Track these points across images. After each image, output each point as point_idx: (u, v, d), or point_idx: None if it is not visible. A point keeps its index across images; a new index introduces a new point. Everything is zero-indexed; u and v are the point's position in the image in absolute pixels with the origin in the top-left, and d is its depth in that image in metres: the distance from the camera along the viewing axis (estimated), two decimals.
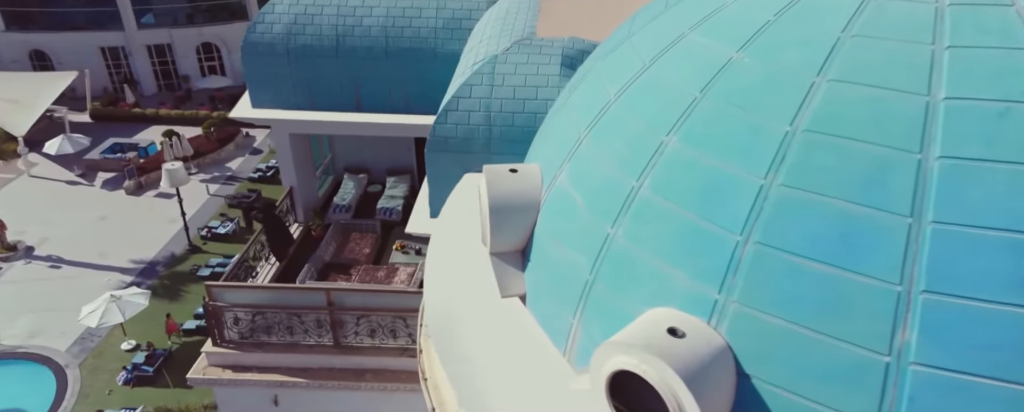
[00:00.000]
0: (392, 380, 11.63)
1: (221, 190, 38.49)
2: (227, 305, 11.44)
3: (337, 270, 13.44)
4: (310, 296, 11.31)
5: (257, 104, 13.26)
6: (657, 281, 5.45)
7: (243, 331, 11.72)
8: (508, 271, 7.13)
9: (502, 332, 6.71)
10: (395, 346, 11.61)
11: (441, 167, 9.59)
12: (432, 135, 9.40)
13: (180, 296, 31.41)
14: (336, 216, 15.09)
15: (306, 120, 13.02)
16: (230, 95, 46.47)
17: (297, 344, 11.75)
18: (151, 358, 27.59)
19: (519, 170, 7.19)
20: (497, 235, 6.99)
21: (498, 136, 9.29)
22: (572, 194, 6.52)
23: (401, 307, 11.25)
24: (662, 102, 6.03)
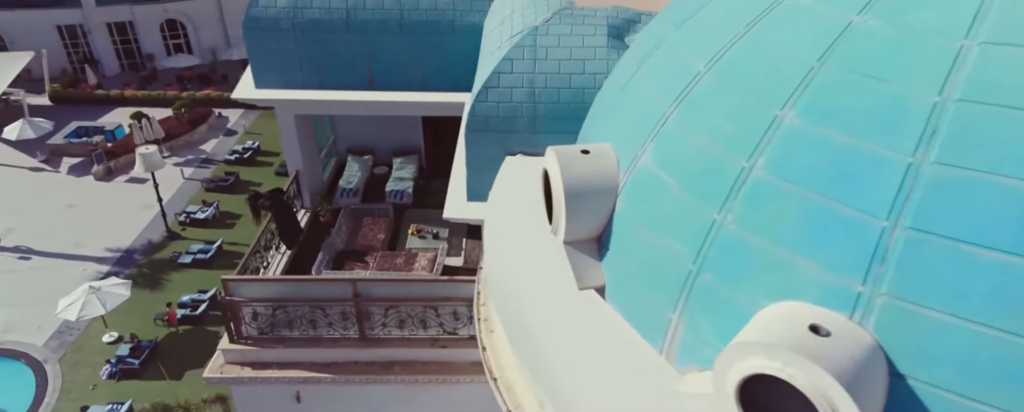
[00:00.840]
0: (422, 372, 11.12)
1: (196, 174, 37.22)
2: (245, 300, 10.76)
3: (352, 258, 12.79)
4: (335, 287, 10.69)
5: (261, 84, 12.43)
6: (781, 272, 4.98)
7: (262, 326, 11.06)
8: (584, 261, 6.62)
9: (584, 327, 6.22)
10: (425, 337, 11.08)
11: (481, 149, 8.99)
12: (471, 115, 8.78)
13: (161, 285, 30.39)
14: (343, 201, 14.40)
15: (315, 100, 12.25)
16: (199, 75, 44.81)
17: (320, 338, 11.15)
18: (136, 350, 26.69)
19: (591, 151, 6.65)
20: (573, 222, 6.46)
21: (543, 114, 8.72)
22: (661, 176, 6.00)
23: (432, 296, 10.70)
24: (769, 73, 5.51)
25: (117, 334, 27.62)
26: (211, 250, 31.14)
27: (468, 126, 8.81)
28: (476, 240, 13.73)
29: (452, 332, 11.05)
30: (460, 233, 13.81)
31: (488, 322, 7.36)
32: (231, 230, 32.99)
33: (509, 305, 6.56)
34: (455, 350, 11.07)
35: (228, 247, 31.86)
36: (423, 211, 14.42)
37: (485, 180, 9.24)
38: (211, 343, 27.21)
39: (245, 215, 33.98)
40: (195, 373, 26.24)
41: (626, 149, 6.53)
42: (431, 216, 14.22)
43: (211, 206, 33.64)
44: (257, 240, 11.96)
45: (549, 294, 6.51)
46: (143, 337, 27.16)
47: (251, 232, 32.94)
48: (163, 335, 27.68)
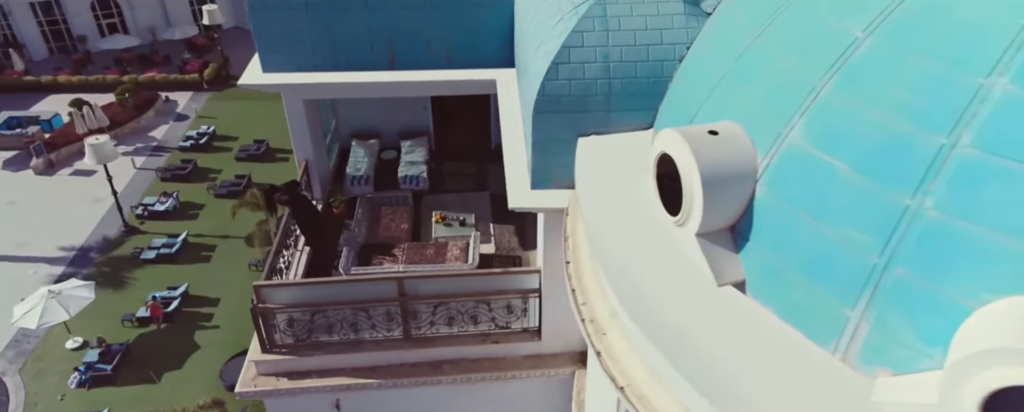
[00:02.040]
0: (473, 370, 10.47)
1: (148, 163, 35.13)
2: (281, 306, 9.86)
3: (377, 251, 11.94)
4: (380, 287, 9.87)
5: (269, 67, 11.32)
6: (1010, 262, 4.50)
7: (299, 333, 10.19)
8: (720, 254, 6.03)
9: (737, 327, 5.66)
10: (476, 332, 10.41)
11: (549, 131, 8.26)
12: (540, 94, 8.03)
13: (125, 283, 28.64)
14: (354, 189, 13.45)
15: (332, 83, 11.23)
16: (138, 56, 42.09)
17: (361, 341, 10.35)
18: (106, 355, 25.14)
19: (721, 132, 6.04)
20: (710, 212, 5.86)
21: (619, 90, 8.03)
22: (822, 157, 5.42)
23: (485, 290, 10.01)
24: (964, 36, 4.97)
25: (82, 339, 25.92)
26: (176, 244, 29.49)
27: (537, 107, 8.07)
28: (504, 225, 13.04)
29: (504, 326, 10.40)
30: (486, 218, 13.09)
31: (596, 324, 6.74)
32: (195, 222, 31.27)
33: (639, 305, 5.95)
34: (508, 345, 10.45)
35: (194, 240, 30.22)
36: (440, 197, 13.60)
37: (552, 165, 8.55)
38: (187, 342, 26.04)
39: (209, 205, 32.24)
40: (174, 375, 24.92)
41: (761, 127, 5.94)
42: (451, 201, 13.43)
43: (171, 197, 31.82)
44: (280, 239, 10.98)
45: (683, 291, 5.93)
46: (112, 340, 25.59)
47: (217, 223, 31.40)
48: (134, 337, 26.14)
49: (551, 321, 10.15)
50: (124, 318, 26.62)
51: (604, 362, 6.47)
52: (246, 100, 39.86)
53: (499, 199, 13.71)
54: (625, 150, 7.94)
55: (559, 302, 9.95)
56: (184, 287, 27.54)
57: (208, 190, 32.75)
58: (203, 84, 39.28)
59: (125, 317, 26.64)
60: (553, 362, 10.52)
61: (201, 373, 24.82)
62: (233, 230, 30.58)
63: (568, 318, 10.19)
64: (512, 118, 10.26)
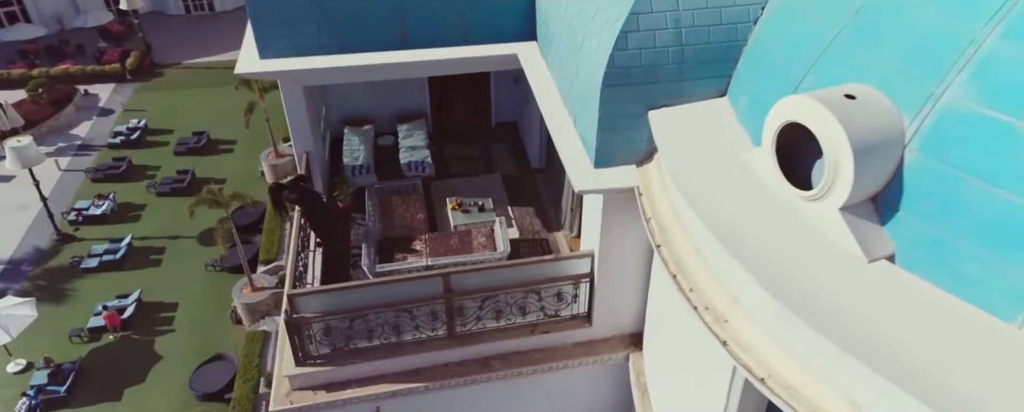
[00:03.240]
0: (523, 363, 9.92)
1: (75, 163, 32.57)
2: (318, 314, 9.00)
3: (398, 246, 11.15)
4: (424, 285, 9.14)
5: (268, 53, 10.24)
6: None
7: (336, 341, 9.37)
8: (867, 228, 5.66)
9: (907, 306, 5.30)
10: (524, 324, 9.84)
11: (618, 106, 7.70)
12: (610, 67, 7.43)
13: (66, 296, 26.53)
14: (356, 180, 12.53)
15: (339, 67, 10.25)
16: (46, 48, 38.82)
17: (402, 343, 9.62)
18: (57, 375, 23.28)
19: (858, 96, 5.61)
20: (859, 183, 5.46)
21: (691, 58, 7.53)
22: (996, 115, 5.05)
23: (536, 279, 9.43)
24: None
25: (25, 361, 23.88)
26: (120, 249, 27.47)
27: (606, 80, 7.47)
28: (523, 207, 12.43)
29: (554, 315, 9.87)
30: (503, 201, 12.44)
31: (713, 311, 6.28)
32: (138, 224, 29.16)
33: (786, 290, 5.49)
34: (557, 334, 9.93)
35: (140, 243, 28.19)
36: (449, 182, 12.85)
37: (617, 142, 8.01)
38: (147, 353, 24.39)
39: (151, 205, 30.10)
40: (137, 390, 23.29)
41: (904, 88, 5.53)
42: (462, 186, 12.71)
43: (107, 199, 29.58)
44: (297, 242, 10.05)
45: (835, 271, 5.52)
46: (61, 359, 23.66)
47: (163, 224, 29.39)
48: (86, 352, 24.27)
49: (602, 305, 9.68)
50: (72, 334, 24.65)
51: (733, 351, 6.02)
52: (177, 90, 37.39)
53: (512, 180, 13.13)
54: (707, 121, 7.46)
55: (613, 285, 9.51)
56: (136, 294, 25.71)
57: (148, 189, 30.60)
58: (126, 75, 36.57)
59: (73, 332, 24.68)
60: (604, 347, 10.09)
61: (168, 384, 23.29)
62: (182, 230, 28.74)
63: (620, 301, 9.79)
64: (548, 95, 9.64)
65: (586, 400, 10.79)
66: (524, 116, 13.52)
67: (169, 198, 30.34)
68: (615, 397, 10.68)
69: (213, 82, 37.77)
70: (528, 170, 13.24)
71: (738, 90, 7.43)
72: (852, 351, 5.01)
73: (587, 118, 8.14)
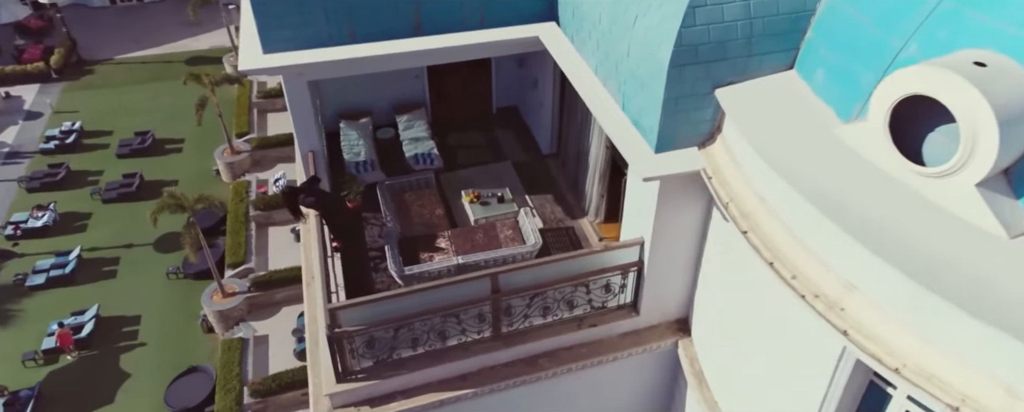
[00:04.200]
0: (571, 359, 9.51)
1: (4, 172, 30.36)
2: (362, 327, 8.38)
3: (421, 245, 10.54)
4: (471, 287, 8.60)
5: (272, 46, 9.40)
6: None
7: (379, 353, 8.77)
8: (1007, 204, 5.45)
9: None
10: (570, 318, 9.43)
11: (685, 86, 7.30)
12: (678, 45, 7.01)
13: (13, 318, 24.84)
14: (362, 178, 11.78)
15: (351, 59, 9.48)
16: None
17: (447, 349, 9.09)
18: (14, 404, 21.83)
19: (989, 63, 5.35)
20: (1003, 155, 5.22)
21: (760, 31, 7.17)
22: None
23: (585, 271, 9.01)
24: None
25: None
26: (69, 262, 25.80)
27: (674, 60, 7.06)
28: (542, 194, 11.95)
29: (601, 307, 9.50)
30: (519, 190, 11.94)
31: (825, 299, 5.99)
32: (85, 234, 27.42)
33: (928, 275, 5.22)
34: (604, 326, 9.56)
35: (90, 255, 26.53)
36: (459, 173, 12.25)
37: (679, 124, 7.63)
38: (113, 370, 23.01)
39: (98, 213, 28.30)
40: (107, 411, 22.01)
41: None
42: (474, 177, 12.13)
43: (47, 209, 27.73)
44: (322, 250, 9.33)
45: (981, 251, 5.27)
46: (17, 386, 22.10)
47: (114, 232, 27.63)
48: (44, 376, 22.76)
49: (651, 293, 9.35)
50: (25, 358, 23.13)
51: (856, 341, 5.75)
52: (112, 88, 35.17)
53: (524, 167, 12.63)
54: (780, 96, 7.13)
55: (662, 272, 9.19)
56: (95, 309, 24.22)
57: (93, 196, 28.77)
58: (52, 74, 34.16)
59: (26, 356, 23.16)
60: (651, 336, 9.78)
61: (140, 403, 22.11)
62: (136, 237, 27.19)
63: (668, 288, 9.48)
64: (584, 77, 9.15)
65: (631, 392, 10.51)
66: (530, 101, 12.99)
67: (117, 204, 28.65)
68: (660, 385, 10.44)
69: (151, 77, 35.72)
70: (539, 156, 12.76)
71: (811, 63, 7.12)
72: (1015, 333, 4.78)
73: (645, 100, 7.71)
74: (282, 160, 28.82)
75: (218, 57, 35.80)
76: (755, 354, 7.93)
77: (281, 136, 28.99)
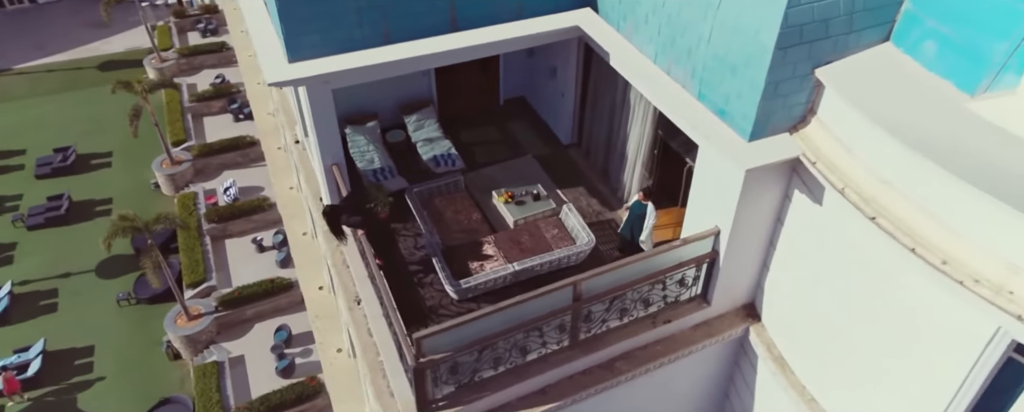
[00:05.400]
0: (648, 359, 9.15)
1: None
2: (449, 352, 7.74)
3: (467, 254, 9.88)
4: (554, 298, 8.08)
5: (299, 54, 8.48)
6: None
7: (462, 378, 8.17)
8: None
9: None
10: (644, 316, 9.07)
11: (787, 68, 6.98)
12: (784, 26, 6.65)
13: None
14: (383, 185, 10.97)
15: (388, 63, 8.68)
16: None
17: (526, 364, 8.58)
18: None
19: None
20: None
21: (860, 6, 6.89)
22: None
23: (664, 267, 8.64)
24: None
25: None
26: (1, 298, 23.49)
27: (780, 42, 6.73)
28: (574, 187, 11.47)
29: (674, 301, 9.18)
30: (549, 185, 11.39)
31: (987, 283, 5.79)
32: (12, 267, 25.02)
33: None
34: (678, 321, 9.26)
35: (22, 289, 24.21)
36: (480, 172, 11.58)
37: (777, 109, 7.34)
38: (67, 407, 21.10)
39: (24, 242, 25.87)
40: None
41: None
42: (499, 175, 11.50)
43: None
44: (371, 271, 8.59)
45: None
46: None
47: (46, 261, 25.38)
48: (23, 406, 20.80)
49: (724, 282, 9.10)
50: None
51: None
52: (17, 101, 32.12)
53: (547, 160, 12.08)
54: (885, 72, 6.90)
55: (737, 260, 8.94)
56: (41, 344, 22.20)
57: (15, 223, 26.25)
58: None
59: None
60: (722, 325, 9.54)
61: None
62: (73, 265, 25.07)
63: (740, 275, 9.24)
64: (637, 65, 8.70)
65: (692, 383, 10.30)
66: (544, 90, 12.40)
67: (45, 230, 26.29)
68: (718, 374, 10.27)
69: (62, 87, 32.77)
70: (559, 147, 12.24)
71: (914, 35, 6.89)
72: None
73: (737, 86, 7.33)
74: (228, 167, 27.07)
75: (137, 60, 33.16)
76: (860, 338, 7.77)
77: (225, 141, 27.18)
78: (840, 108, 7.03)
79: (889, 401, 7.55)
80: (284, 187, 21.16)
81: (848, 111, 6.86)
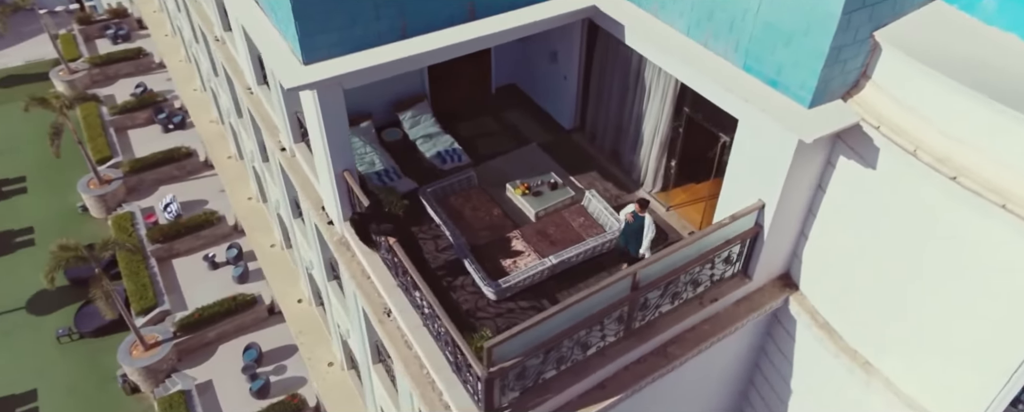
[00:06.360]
0: (698, 340, 9.00)
1: None
2: (520, 356, 7.33)
3: (496, 252, 9.45)
4: (613, 290, 7.76)
5: (315, 54, 7.76)
6: None
7: (528, 381, 7.77)
8: None
9: None
10: (694, 297, 8.90)
11: (850, 33, 6.85)
12: None
13: None
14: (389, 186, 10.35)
15: (407, 57, 8.08)
16: None
17: (585, 361, 8.26)
18: None
19: None
20: None
21: None
22: None
23: (715, 246, 8.46)
24: None
25: None
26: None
27: (846, 6, 6.55)
28: (586, 173, 11.15)
29: (719, 279, 9.04)
30: (560, 172, 11.03)
31: None
32: None
33: None
34: (721, 300, 9.14)
35: None
36: (488, 165, 11.12)
37: (836, 75, 7.24)
38: None
39: None
40: None
41: None
42: (507, 167, 11.07)
43: None
44: (406, 281, 8.04)
45: None
46: None
47: None
48: None
49: (766, 255, 9.03)
50: None
51: None
52: None
53: (552, 147, 11.69)
54: (946, 29, 6.87)
55: (780, 233, 8.88)
56: None
57: None
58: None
59: None
60: (763, 297, 9.48)
61: None
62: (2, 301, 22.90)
63: (780, 247, 9.20)
64: (666, 40, 8.43)
65: (734, 360, 10.27)
66: (543, 75, 11.97)
67: None
68: (755, 347, 10.27)
69: None
70: (561, 133, 11.88)
71: None
72: None
73: (795, 55, 7.17)
74: (165, 182, 25.29)
75: (41, 73, 30.43)
76: (925, 300, 7.80)
77: (158, 154, 25.34)
78: (901, 69, 6.97)
79: (954, 362, 7.64)
80: (241, 198, 19.97)
81: (913, 71, 6.80)
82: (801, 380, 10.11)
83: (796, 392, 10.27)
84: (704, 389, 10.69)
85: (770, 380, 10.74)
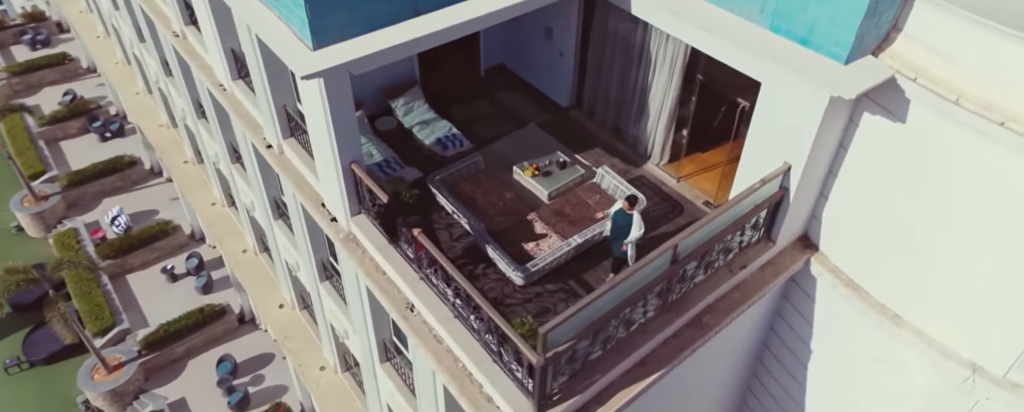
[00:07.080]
0: (730, 308, 8.93)
1: None
2: (573, 341, 7.05)
3: (517, 236, 9.13)
4: (655, 266, 7.55)
5: (325, 38, 7.23)
6: None
7: (577, 365, 7.52)
8: None
9: None
10: (724, 265, 8.80)
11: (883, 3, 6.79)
12: None
13: None
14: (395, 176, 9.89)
15: (423, 36, 7.64)
16: None
17: (626, 339, 8.06)
18: None
19: None
20: None
21: None
22: None
23: (746, 212, 8.35)
24: None
25: None
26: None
27: None
28: (589, 150, 10.90)
29: (746, 245, 8.97)
30: (565, 152, 10.75)
31: None
32: None
33: None
34: (749, 266, 9.08)
35: None
36: (490, 148, 10.75)
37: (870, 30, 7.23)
38: None
39: None
40: None
41: None
42: (511, 149, 10.73)
43: None
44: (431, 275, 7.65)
45: None
46: None
47: None
48: None
49: (790, 218, 9.00)
50: None
51: None
52: None
53: (551, 126, 11.37)
54: None
55: (804, 195, 8.85)
56: None
57: None
58: None
59: None
60: (784, 261, 9.47)
61: None
62: None
63: (801, 209, 9.18)
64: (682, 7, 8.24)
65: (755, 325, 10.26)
66: (536, 53, 11.59)
67: None
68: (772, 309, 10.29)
69: None
70: (558, 111, 11.59)
71: None
72: None
73: (829, 12, 7.07)
74: (108, 194, 23.78)
75: None
76: (964, 253, 7.84)
77: (98, 165, 23.78)
78: (939, 18, 6.95)
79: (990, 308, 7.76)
80: (204, 205, 18.89)
81: (954, 18, 6.78)
82: (821, 339, 10.17)
83: (816, 352, 10.34)
84: (729, 359, 10.68)
85: (788, 343, 10.78)
